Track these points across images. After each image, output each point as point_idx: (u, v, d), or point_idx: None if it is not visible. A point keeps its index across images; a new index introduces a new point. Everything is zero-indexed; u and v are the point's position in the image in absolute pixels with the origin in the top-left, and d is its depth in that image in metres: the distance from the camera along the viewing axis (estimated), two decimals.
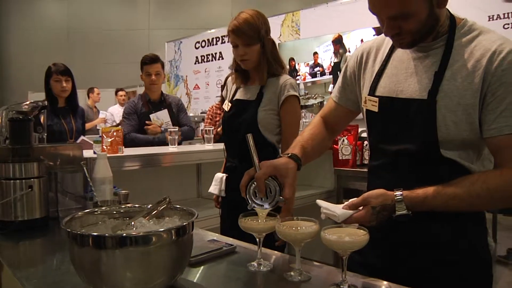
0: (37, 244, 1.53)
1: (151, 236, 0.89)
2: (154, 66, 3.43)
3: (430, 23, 1.10)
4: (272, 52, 2.11)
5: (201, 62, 8.79)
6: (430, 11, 1.07)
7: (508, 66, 1.05)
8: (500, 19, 5.02)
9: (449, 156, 1.12)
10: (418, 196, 1.09)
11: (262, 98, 2.07)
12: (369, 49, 1.34)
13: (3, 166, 1.57)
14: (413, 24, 1.08)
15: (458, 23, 1.15)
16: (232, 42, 2.08)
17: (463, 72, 1.09)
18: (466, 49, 1.11)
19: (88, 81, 9.79)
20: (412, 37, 1.12)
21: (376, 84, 1.25)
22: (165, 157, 2.64)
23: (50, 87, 3.28)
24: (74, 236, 0.91)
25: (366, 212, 1.10)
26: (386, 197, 1.10)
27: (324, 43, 6.02)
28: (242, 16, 2.02)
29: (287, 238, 1.07)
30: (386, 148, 1.23)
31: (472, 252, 1.17)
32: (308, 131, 1.41)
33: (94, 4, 12.02)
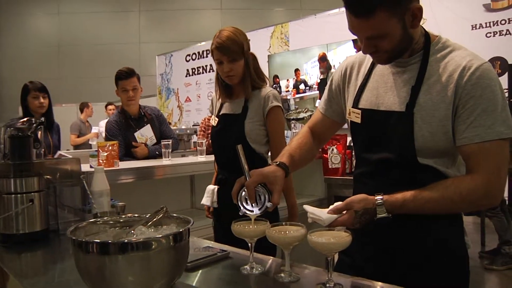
0: (39, 255, 1.59)
1: (151, 242, 0.97)
2: (130, 81, 3.24)
3: (404, 42, 1.20)
4: (254, 65, 2.20)
5: (192, 74, 8.87)
6: (403, 31, 1.17)
7: (477, 81, 1.14)
8: (482, 28, 5.17)
9: (426, 163, 1.21)
10: (397, 200, 1.18)
11: (248, 111, 2.14)
12: (352, 63, 1.44)
13: (4, 181, 1.63)
14: (388, 43, 1.18)
15: (433, 40, 1.25)
16: (216, 60, 2.13)
17: (437, 86, 1.19)
18: (440, 65, 1.21)
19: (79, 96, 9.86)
20: (388, 55, 1.22)
21: (359, 97, 1.35)
22: (159, 170, 2.71)
23: (27, 103, 3.35)
24: (79, 244, 0.98)
25: (349, 216, 1.20)
26: (367, 201, 1.20)
27: (311, 59, 6.15)
28: (224, 33, 2.08)
29: (277, 241, 1.15)
30: (368, 157, 1.32)
31: (449, 251, 1.27)
32: (296, 141, 1.50)
33: (84, 19, 12.10)
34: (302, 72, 6.55)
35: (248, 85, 2.15)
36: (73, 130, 7.10)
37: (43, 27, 12.27)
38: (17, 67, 11.70)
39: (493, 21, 5.12)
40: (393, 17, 1.13)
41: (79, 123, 7.45)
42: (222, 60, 2.09)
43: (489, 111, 1.14)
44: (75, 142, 7.13)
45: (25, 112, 3.34)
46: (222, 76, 2.16)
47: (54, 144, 3.39)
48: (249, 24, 9.55)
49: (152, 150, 3.31)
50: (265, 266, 1.27)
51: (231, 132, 2.15)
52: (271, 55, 6.93)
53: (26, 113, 3.32)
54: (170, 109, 9.35)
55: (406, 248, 1.27)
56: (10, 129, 2.03)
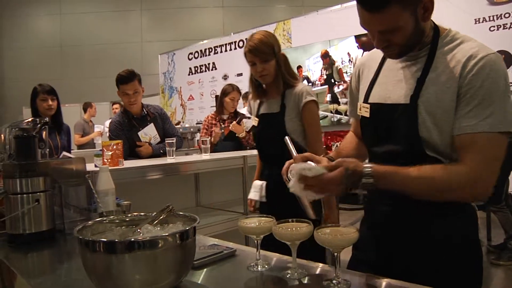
0: (45, 254, 1.59)
1: (158, 240, 0.97)
2: (131, 85, 3.25)
3: (416, 36, 1.20)
4: (286, 65, 2.32)
5: (195, 73, 8.88)
6: (416, 25, 1.17)
7: (478, 71, 1.13)
8: (486, 21, 5.14)
9: (432, 155, 1.20)
10: (385, 170, 1.17)
11: (285, 109, 2.28)
12: (364, 62, 1.46)
13: (10, 182, 1.64)
14: (401, 37, 1.18)
15: (442, 33, 1.24)
16: (249, 62, 2.27)
17: (442, 78, 1.18)
18: (447, 57, 1.20)
19: (82, 96, 9.88)
20: (400, 49, 1.22)
21: (369, 92, 1.36)
22: (164, 168, 2.71)
23: (36, 106, 3.36)
24: (86, 243, 0.98)
25: (339, 172, 1.16)
26: (358, 165, 1.18)
27: (313, 55, 6.15)
28: (255, 37, 2.24)
29: (283, 238, 1.15)
30: (376, 150, 1.33)
31: (464, 247, 1.26)
32: (341, 143, 1.56)
33: (86, 19, 12.12)
34: (304, 69, 6.54)
35: (280, 84, 2.29)
36: (77, 130, 7.12)
37: (45, 27, 12.30)
38: (19, 68, 11.75)
39: (496, 14, 5.09)
40: (406, 11, 1.12)
41: (83, 123, 7.47)
42: (255, 61, 2.24)
43: (487, 102, 1.12)
44: (79, 141, 7.15)
45: (34, 114, 3.35)
46: (256, 76, 2.30)
47: (62, 145, 3.40)
48: (250, 21, 9.56)
49: (156, 149, 3.32)
50: (271, 263, 1.27)
51: (272, 129, 2.29)
52: None
53: (35, 115, 3.33)
54: (173, 107, 9.36)
55: (419, 243, 1.26)
56: (15, 129, 2.04)
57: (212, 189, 3.48)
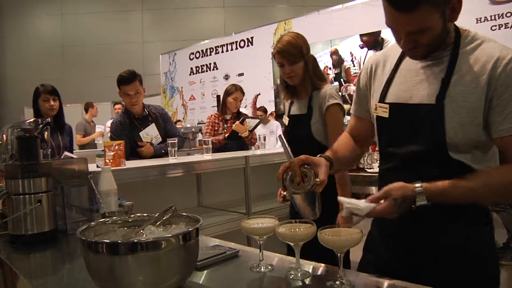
0: (48, 255, 1.59)
1: (161, 241, 0.97)
2: (132, 86, 3.22)
3: (442, 36, 1.19)
4: (314, 67, 2.36)
5: (196, 73, 8.88)
6: (443, 25, 1.16)
7: (511, 71, 1.13)
8: (487, 21, 5.13)
9: (456, 158, 1.19)
10: (437, 188, 1.14)
11: (312, 111, 2.32)
12: (377, 60, 1.43)
13: (12, 182, 1.63)
14: (429, 38, 1.16)
15: (462, 34, 1.23)
16: (278, 63, 2.32)
17: (467, 78, 1.18)
18: (470, 57, 1.19)
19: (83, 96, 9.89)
20: (426, 50, 1.21)
21: (386, 92, 1.33)
22: (166, 169, 2.71)
23: (38, 106, 3.36)
24: (89, 244, 0.98)
25: (388, 204, 1.14)
26: (406, 189, 1.15)
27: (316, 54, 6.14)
28: (284, 38, 2.30)
29: (286, 239, 1.15)
30: (395, 152, 1.30)
31: (480, 251, 1.24)
32: (337, 142, 1.51)
33: (87, 19, 12.13)
34: None
35: (308, 85, 2.34)
36: (78, 130, 7.12)
37: (47, 28, 12.31)
38: (21, 68, 11.76)
39: (498, 14, 5.08)
40: (436, 11, 1.11)
41: (84, 123, 7.47)
42: (283, 63, 2.29)
43: None
44: (80, 142, 7.15)
45: (36, 115, 3.35)
46: (284, 77, 2.37)
47: (64, 145, 3.40)
48: (251, 21, 9.55)
49: (158, 149, 3.31)
50: (274, 264, 1.26)
51: (299, 131, 2.34)
52: None
53: (37, 115, 3.33)
54: (174, 107, 9.37)
55: (430, 245, 1.24)
56: (17, 129, 2.04)
57: (214, 190, 3.47)
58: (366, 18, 6.04)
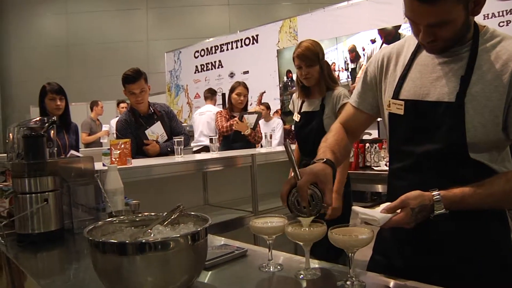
0: (54, 255, 1.58)
1: (169, 241, 0.95)
2: (137, 84, 3.23)
3: (463, 30, 1.15)
4: (328, 70, 2.70)
5: (201, 71, 8.87)
6: (465, 19, 1.12)
7: None
8: (495, 17, 5.09)
9: (476, 158, 1.15)
10: (455, 195, 1.12)
11: (325, 109, 2.63)
12: (389, 54, 1.37)
13: (19, 181, 1.62)
14: (449, 31, 1.13)
15: (481, 30, 1.19)
16: (297, 65, 2.66)
17: (489, 76, 1.14)
18: (490, 54, 1.15)
19: (89, 94, 9.90)
20: (445, 44, 1.17)
21: (400, 88, 1.29)
22: (172, 167, 2.70)
23: (44, 105, 3.36)
24: (96, 244, 0.97)
25: (405, 214, 1.12)
26: (424, 198, 1.12)
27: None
28: (303, 44, 2.63)
29: (296, 238, 1.13)
30: (410, 150, 1.26)
31: (495, 250, 1.21)
32: (331, 137, 1.41)
33: (92, 18, 12.14)
34: None
35: (323, 86, 2.66)
36: (83, 128, 7.12)
37: (51, 27, 12.32)
38: (26, 67, 11.79)
39: (506, 10, 5.03)
40: (460, 3, 1.08)
41: (90, 122, 7.47)
42: (301, 65, 2.62)
43: None
44: (86, 140, 7.15)
45: (42, 113, 3.35)
46: (301, 78, 2.67)
47: (70, 144, 3.40)
48: (256, 19, 9.53)
49: (164, 147, 3.31)
50: (284, 263, 1.24)
51: (311, 126, 2.66)
52: (280, 49, 6.90)
53: (44, 114, 3.34)
54: (179, 105, 9.37)
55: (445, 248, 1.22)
56: (23, 128, 2.03)
57: (221, 188, 3.46)
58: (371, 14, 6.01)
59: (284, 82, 7.01)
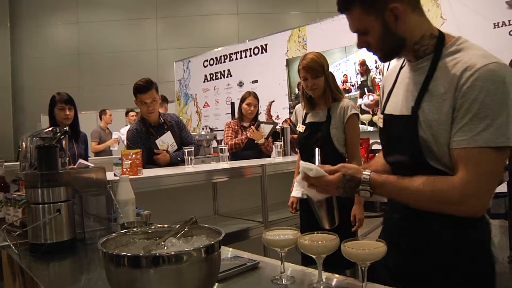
0: (67, 265, 1.59)
1: (183, 255, 0.95)
2: (149, 94, 3.27)
3: (389, 40, 1.21)
4: (333, 82, 2.73)
5: (210, 80, 8.90)
6: (385, 29, 1.19)
7: (472, 84, 1.09)
8: (505, 26, 5.05)
9: (436, 166, 1.19)
10: (379, 178, 1.20)
11: (331, 119, 2.66)
12: (387, 75, 1.49)
13: (32, 191, 1.64)
14: (373, 39, 1.22)
15: (449, 42, 1.21)
16: (302, 77, 2.67)
17: (441, 89, 1.16)
18: (448, 66, 1.17)
19: (98, 103, 9.97)
20: (379, 51, 1.25)
21: (386, 103, 1.38)
22: (183, 177, 2.70)
23: (54, 115, 3.39)
24: (110, 257, 0.97)
25: (337, 177, 1.21)
26: (357, 171, 1.22)
27: (333, 63, 6.08)
28: (309, 56, 2.66)
29: (309, 251, 1.13)
30: (388, 160, 1.39)
31: (473, 259, 1.21)
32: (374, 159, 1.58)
33: (103, 28, 12.26)
34: None
35: (328, 97, 2.68)
36: (93, 137, 7.17)
37: (63, 36, 12.46)
38: (38, 76, 11.91)
39: None
40: (368, 14, 1.18)
41: (99, 130, 7.52)
42: (307, 77, 2.63)
43: (481, 116, 1.08)
44: (95, 149, 7.20)
45: (52, 123, 3.38)
46: (306, 89, 2.69)
47: (79, 154, 3.42)
48: (265, 28, 9.56)
49: (174, 157, 3.32)
50: (296, 276, 1.24)
51: (317, 136, 2.67)
52: (289, 59, 6.91)
53: (53, 124, 3.37)
54: (188, 114, 9.40)
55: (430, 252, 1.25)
56: (36, 138, 2.05)
57: (230, 198, 3.46)
58: None
59: (295, 93, 6.99)
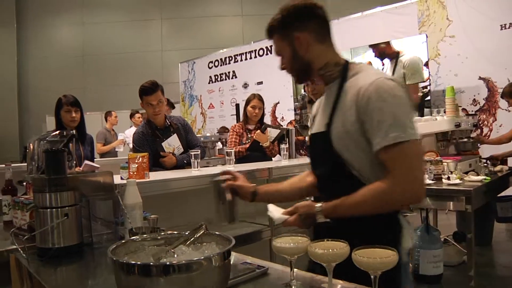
0: (75, 269, 1.59)
1: (194, 263, 0.95)
2: (155, 96, 3.28)
3: (297, 64, 1.48)
4: None
5: (215, 81, 8.91)
6: (294, 54, 1.46)
7: (368, 97, 1.31)
8: None
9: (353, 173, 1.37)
10: (330, 206, 1.36)
11: None
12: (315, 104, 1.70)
13: (40, 196, 1.64)
14: (285, 62, 1.50)
15: (351, 68, 1.45)
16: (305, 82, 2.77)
17: (347, 106, 1.38)
18: (350, 87, 1.40)
19: (103, 104, 10.00)
20: (292, 73, 1.53)
21: (312, 126, 1.62)
22: (189, 181, 2.69)
23: (60, 117, 3.40)
24: (121, 265, 0.97)
25: (295, 218, 1.39)
26: (310, 207, 1.39)
27: None
28: None
29: (319, 259, 1.12)
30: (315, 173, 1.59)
31: None
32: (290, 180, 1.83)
33: (108, 29, 12.30)
34: None
35: None
36: (98, 139, 7.18)
37: (68, 37, 12.51)
38: (43, 76, 11.97)
39: None
40: (283, 40, 1.47)
41: (105, 132, 7.54)
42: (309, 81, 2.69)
43: (383, 120, 1.28)
44: (101, 150, 7.21)
45: (58, 125, 3.40)
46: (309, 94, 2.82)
47: (85, 156, 3.42)
48: None
49: (180, 159, 3.32)
50: (306, 283, 1.23)
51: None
52: None
53: (60, 126, 3.38)
54: (193, 116, 9.41)
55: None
56: (43, 142, 2.06)
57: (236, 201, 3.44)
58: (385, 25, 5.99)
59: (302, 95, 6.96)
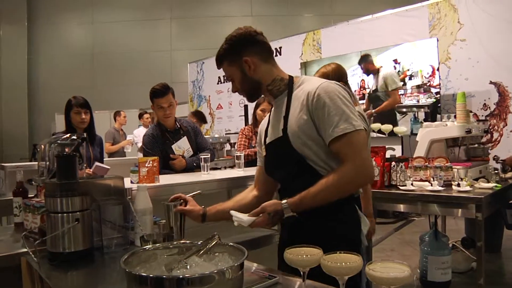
0: (86, 274, 1.60)
1: (207, 277, 0.95)
2: (166, 98, 3.29)
3: (248, 84, 1.69)
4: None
5: (224, 82, 8.90)
6: (244, 76, 1.67)
7: (317, 98, 1.54)
8: None
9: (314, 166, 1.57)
10: (296, 200, 1.51)
11: None
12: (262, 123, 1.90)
13: (51, 201, 1.65)
14: (237, 84, 1.71)
15: (295, 81, 1.69)
16: None
17: (298, 109, 1.60)
18: (298, 95, 1.63)
19: (112, 103, 10.04)
20: (244, 93, 1.73)
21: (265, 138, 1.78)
22: (199, 185, 2.69)
23: (70, 118, 3.42)
24: (134, 277, 0.97)
25: (264, 217, 1.52)
26: (277, 205, 1.53)
27: (351, 67, 5.99)
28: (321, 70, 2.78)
29: (332, 272, 1.11)
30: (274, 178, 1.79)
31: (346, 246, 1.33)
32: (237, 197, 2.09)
33: (117, 28, 12.34)
34: None
35: None
36: (107, 138, 7.20)
37: (78, 36, 12.57)
38: (53, 75, 12.04)
39: None
40: (232, 66, 1.68)
41: (113, 132, 7.56)
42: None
43: (331, 115, 1.51)
44: (109, 150, 7.24)
45: (67, 127, 3.41)
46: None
47: (95, 157, 3.44)
48: (279, 30, 9.56)
49: (190, 162, 3.32)
50: None
51: None
52: (303, 62, 6.88)
53: (69, 127, 3.40)
54: None
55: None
56: (54, 145, 2.07)
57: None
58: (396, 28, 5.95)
59: None
